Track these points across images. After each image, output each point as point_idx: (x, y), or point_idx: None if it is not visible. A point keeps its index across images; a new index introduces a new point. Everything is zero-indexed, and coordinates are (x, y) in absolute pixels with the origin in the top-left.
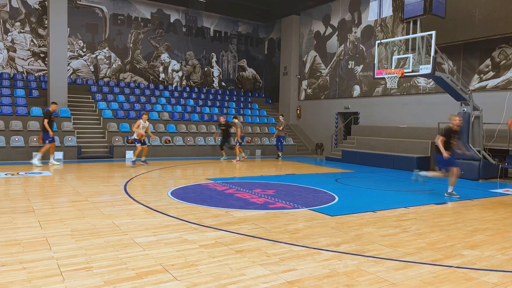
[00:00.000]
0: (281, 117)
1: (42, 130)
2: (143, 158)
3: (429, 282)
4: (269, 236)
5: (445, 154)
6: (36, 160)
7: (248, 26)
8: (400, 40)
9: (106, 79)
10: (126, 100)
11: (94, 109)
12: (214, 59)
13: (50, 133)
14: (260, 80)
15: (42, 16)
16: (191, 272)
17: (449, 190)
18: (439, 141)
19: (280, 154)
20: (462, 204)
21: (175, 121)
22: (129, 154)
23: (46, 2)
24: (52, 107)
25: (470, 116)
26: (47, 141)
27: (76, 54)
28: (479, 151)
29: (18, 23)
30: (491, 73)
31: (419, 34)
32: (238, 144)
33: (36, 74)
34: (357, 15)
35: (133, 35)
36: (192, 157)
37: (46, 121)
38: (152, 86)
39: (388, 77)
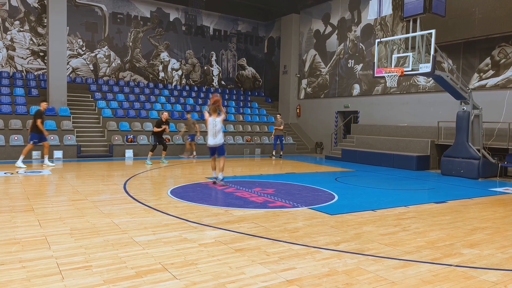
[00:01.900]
0: (278, 116)
1: (30, 130)
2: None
3: (429, 280)
4: (269, 235)
5: None
6: (20, 162)
7: (247, 24)
8: (400, 39)
9: (105, 78)
10: (125, 99)
11: (94, 108)
12: (214, 58)
13: (45, 133)
14: (260, 79)
15: (42, 14)
16: (191, 271)
17: None
18: None
19: (281, 153)
20: (462, 203)
21: (175, 120)
22: (129, 153)
23: (45, 1)
24: (42, 106)
25: (469, 115)
26: (31, 142)
27: (75, 53)
28: (478, 150)
29: (17, 22)
30: (491, 72)
31: (419, 33)
32: (190, 140)
33: (36, 73)
34: (357, 13)
35: (132, 33)
36: (192, 156)
37: (39, 121)
38: (151, 85)
39: (388, 76)
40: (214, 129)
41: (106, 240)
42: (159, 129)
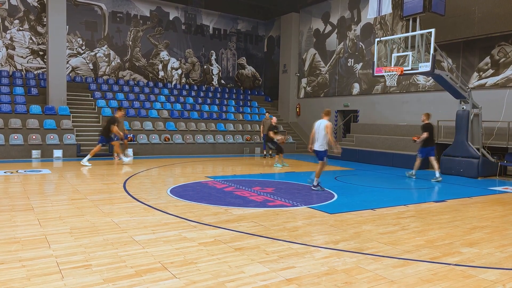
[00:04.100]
0: (267, 115)
1: (101, 133)
2: None
3: (428, 279)
4: (268, 234)
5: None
6: (125, 158)
7: (247, 23)
8: (400, 38)
9: (105, 77)
10: (125, 98)
11: (93, 107)
12: (214, 57)
13: (121, 135)
14: (260, 78)
15: (41, 13)
16: (190, 269)
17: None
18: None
19: (270, 152)
20: (461, 202)
21: (174, 119)
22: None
23: (44, 0)
24: (119, 114)
25: (469, 114)
26: (115, 139)
27: (75, 51)
28: (478, 149)
29: (17, 21)
30: (491, 71)
31: (418, 32)
32: (116, 139)
33: (35, 72)
34: (357, 12)
35: (132, 32)
36: (191, 155)
37: (114, 127)
38: (151, 84)
39: (388, 75)
40: (318, 133)
41: (106, 239)
42: (276, 136)
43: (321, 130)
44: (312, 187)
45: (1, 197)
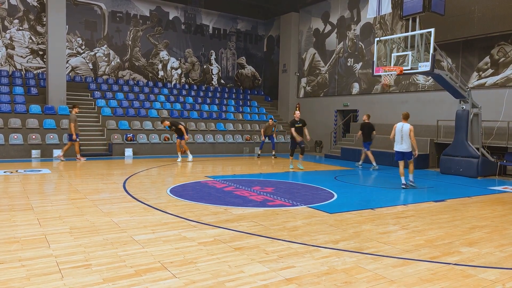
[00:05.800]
0: (271, 121)
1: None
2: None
3: (427, 279)
4: (268, 234)
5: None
6: (190, 157)
7: (247, 23)
8: (399, 38)
9: (105, 77)
10: (125, 98)
11: (93, 106)
12: (213, 56)
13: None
14: (259, 78)
15: (41, 13)
16: (190, 269)
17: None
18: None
19: (273, 152)
20: (461, 202)
21: (174, 119)
22: (128, 152)
23: None
24: (165, 124)
25: (469, 113)
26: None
27: (74, 51)
28: (477, 149)
29: (16, 21)
30: (490, 71)
31: (418, 32)
32: (70, 140)
33: (35, 72)
34: (356, 12)
35: (132, 32)
36: (191, 155)
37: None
38: (151, 83)
39: (385, 74)
40: (401, 134)
41: (106, 239)
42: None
43: (407, 133)
44: (409, 184)
45: (1, 197)
